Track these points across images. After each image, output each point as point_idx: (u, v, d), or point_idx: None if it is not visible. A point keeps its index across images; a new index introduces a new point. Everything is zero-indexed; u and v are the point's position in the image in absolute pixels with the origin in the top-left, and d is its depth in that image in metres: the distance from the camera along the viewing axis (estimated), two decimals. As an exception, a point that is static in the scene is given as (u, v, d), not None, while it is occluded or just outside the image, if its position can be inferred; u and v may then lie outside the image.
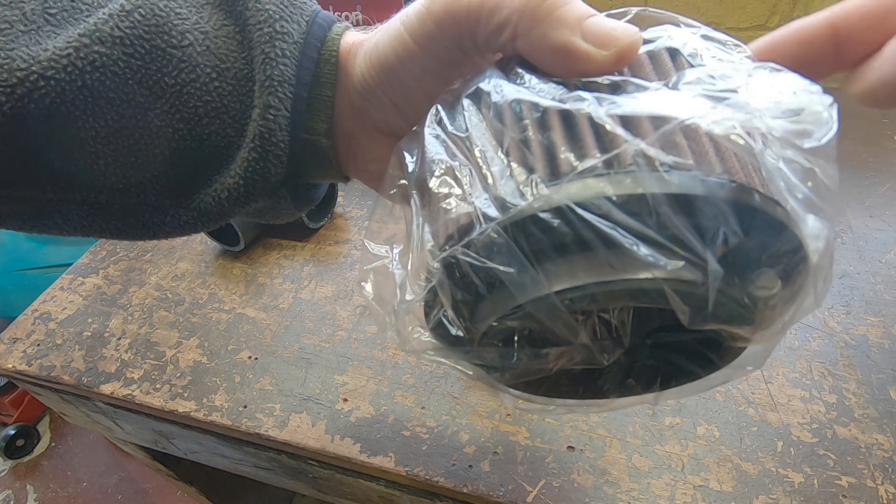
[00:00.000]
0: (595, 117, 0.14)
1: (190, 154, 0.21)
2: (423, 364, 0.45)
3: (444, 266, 0.16)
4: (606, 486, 0.37)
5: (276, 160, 0.21)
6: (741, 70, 0.14)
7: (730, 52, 0.16)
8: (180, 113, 0.20)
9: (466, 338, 0.17)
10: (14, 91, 0.17)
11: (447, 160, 0.16)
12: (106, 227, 0.23)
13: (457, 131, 0.17)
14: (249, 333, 0.49)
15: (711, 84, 0.14)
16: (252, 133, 0.21)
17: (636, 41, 0.16)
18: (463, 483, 0.38)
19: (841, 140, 0.15)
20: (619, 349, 0.18)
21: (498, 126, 0.16)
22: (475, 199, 0.15)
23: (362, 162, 0.25)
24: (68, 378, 0.48)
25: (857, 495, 0.35)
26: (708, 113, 0.13)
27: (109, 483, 1.34)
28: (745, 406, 0.40)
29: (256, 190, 0.22)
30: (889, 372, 0.41)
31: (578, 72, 0.16)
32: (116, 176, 0.21)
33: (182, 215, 0.23)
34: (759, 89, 0.13)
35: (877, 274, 0.48)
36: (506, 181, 0.14)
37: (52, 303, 0.55)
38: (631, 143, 0.13)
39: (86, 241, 1.13)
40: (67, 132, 0.19)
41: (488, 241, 0.14)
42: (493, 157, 0.15)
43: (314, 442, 0.41)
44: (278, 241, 0.59)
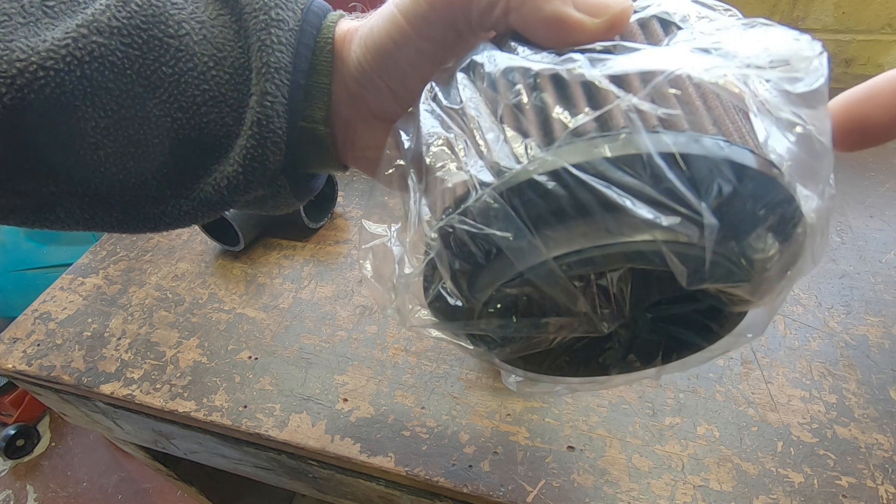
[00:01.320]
0: (587, 76, 0.14)
1: (189, 144, 0.21)
2: (423, 364, 0.45)
3: (441, 236, 0.16)
4: (606, 486, 0.37)
5: (275, 147, 0.21)
6: (732, 28, 0.14)
7: (721, 16, 0.16)
8: (178, 102, 0.20)
9: (466, 309, 0.17)
10: (14, 82, 0.18)
11: (442, 132, 0.16)
12: (107, 220, 0.23)
13: (451, 104, 0.17)
14: (249, 333, 0.49)
15: (702, 40, 0.14)
16: (250, 120, 0.21)
17: (627, 8, 0.17)
18: (463, 483, 0.38)
19: None
20: (620, 319, 0.18)
21: (492, 94, 0.16)
22: (470, 168, 0.15)
23: (360, 149, 0.25)
24: (68, 378, 0.48)
25: (857, 495, 0.35)
26: (698, 62, 0.13)
27: (109, 483, 1.34)
28: (745, 406, 0.40)
29: (255, 178, 0.22)
30: (889, 372, 0.41)
31: (571, 41, 0.17)
32: (117, 167, 0.21)
33: (182, 205, 0.23)
34: (749, 41, 0.13)
35: (877, 274, 0.48)
36: (500, 147, 0.14)
37: (52, 303, 0.55)
38: (623, 98, 0.13)
39: (86, 241, 1.13)
40: (68, 123, 0.19)
41: (484, 206, 0.14)
42: (487, 125, 0.15)
43: (314, 442, 0.41)
44: (278, 241, 0.59)
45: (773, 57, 0.13)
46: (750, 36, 0.14)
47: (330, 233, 0.59)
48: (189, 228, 0.62)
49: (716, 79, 0.13)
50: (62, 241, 1.16)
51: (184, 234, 0.61)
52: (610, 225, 0.13)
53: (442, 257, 0.16)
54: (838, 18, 0.73)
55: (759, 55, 0.13)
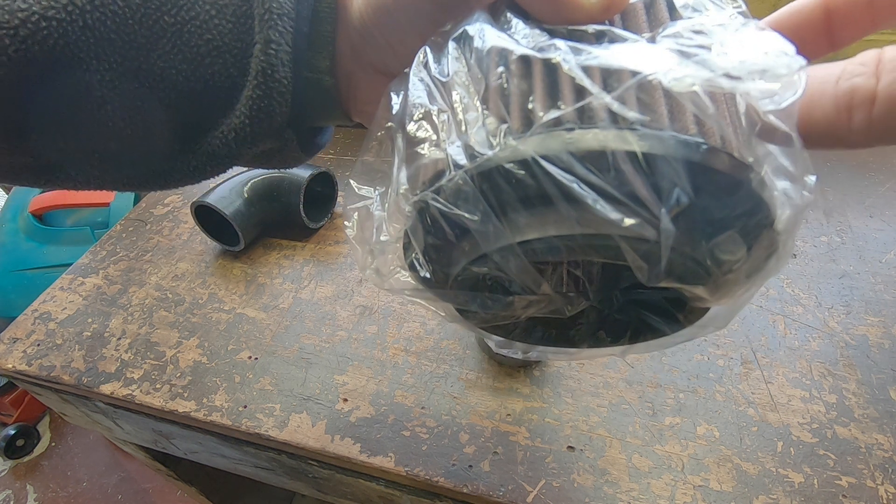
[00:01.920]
0: (566, 69, 0.14)
1: (195, 96, 0.21)
2: (423, 364, 0.45)
3: (416, 210, 0.16)
4: (606, 486, 0.37)
5: (280, 98, 0.21)
6: (726, 26, 0.14)
7: (724, 7, 0.16)
8: (182, 53, 0.20)
9: (436, 280, 0.18)
10: (17, 33, 0.18)
11: (427, 104, 0.16)
12: (118, 177, 0.23)
13: (439, 75, 0.17)
14: (249, 333, 0.49)
15: (689, 39, 0.14)
16: (255, 70, 0.21)
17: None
18: (463, 483, 0.38)
19: None
20: (584, 302, 0.19)
21: (477, 72, 0.16)
22: (448, 146, 0.15)
23: (362, 103, 0.25)
24: (68, 378, 0.48)
25: (857, 495, 0.35)
26: (671, 69, 0.13)
27: (109, 483, 1.34)
28: (745, 406, 0.40)
29: (262, 130, 0.22)
30: (889, 372, 0.41)
31: (566, 19, 0.16)
32: (124, 122, 0.21)
33: (191, 160, 0.23)
34: (733, 47, 0.13)
35: (877, 274, 0.48)
36: (478, 130, 0.14)
37: (52, 303, 0.55)
38: (596, 95, 0.13)
39: (86, 241, 1.13)
40: (73, 76, 0.19)
41: (456, 188, 0.15)
42: (469, 104, 0.15)
43: (314, 442, 0.41)
44: (278, 241, 0.59)
45: (751, 69, 0.13)
46: (741, 39, 0.14)
47: (330, 233, 0.59)
48: (189, 228, 0.62)
49: (685, 89, 0.13)
50: (62, 241, 1.16)
51: (184, 235, 0.61)
52: (574, 216, 0.14)
53: (416, 230, 0.17)
54: (838, 18, 0.73)
55: (739, 66, 0.13)
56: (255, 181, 0.56)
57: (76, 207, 1.17)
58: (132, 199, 1.14)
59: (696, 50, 0.13)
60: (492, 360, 0.45)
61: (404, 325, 0.48)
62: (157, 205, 0.66)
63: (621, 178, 0.13)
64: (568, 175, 0.13)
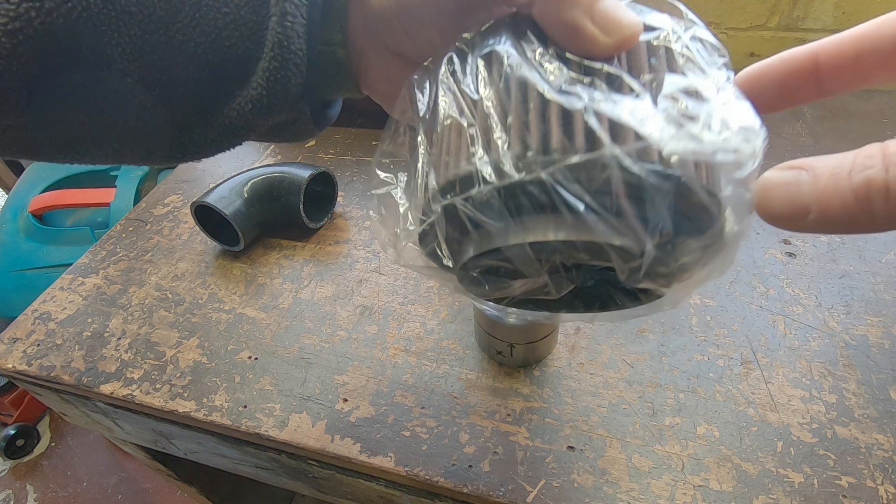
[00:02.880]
0: (586, 120, 0.17)
1: (213, 69, 0.22)
2: (423, 364, 0.45)
3: (444, 210, 0.19)
4: (606, 486, 0.37)
5: (296, 69, 0.22)
6: (712, 97, 0.17)
7: (712, 61, 0.19)
8: (200, 26, 0.21)
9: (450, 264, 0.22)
10: (42, 6, 0.18)
11: (457, 116, 0.19)
12: (136, 150, 0.24)
13: (468, 91, 0.19)
14: (249, 333, 0.49)
15: (682, 104, 0.17)
16: (271, 42, 0.21)
17: (636, 33, 0.18)
18: (463, 483, 0.38)
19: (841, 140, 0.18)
20: (570, 285, 0.22)
21: (505, 98, 0.18)
22: (477, 161, 0.18)
23: (373, 80, 0.25)
24: (68, 378, 0.48)
25: (857, 495, 0.35)
26: (666, 141, 0.16)
27: (109, 483, 1.34)
28: (745, 406, 0.40)
29: (278, 101, 0.22)
30: (889, 372, 0.41)
31: (582, 51, 0.18)
32: (144, 95, 0.21)
33: (209, 133, 0.24)
34: (716, 121, 0.16)
35: (877, 274, 0.48)
36: (506, 152, 0.17)
37: (52, 303, 0.55)
38: (608, 148, 0.16)
39: (86, 241, 1.13)
40: (95, 49, 0.20)
41: (484, 198, 0.18)
42: (497, 125, 0.18)
43: (314, 442, 0.41)
44: (278, 241, 0.59)
45: (727, 147, 0.16)
46: (721, 113, 0.17)
47: (330, 233, 0.59)
48: (189, 228, 0.62)
49: (675, 160, 0.16)
50: (62, 241, 1.16)
51: (184, 235, 0.61)
52: (577, 226, 0.17)
53: (441, 226, 0.20)
54: (838, 18, 0.73)
55: (717, 143, 0.16)
56: (255, 181, 0.56)
57: (76, 207, 1.17)
58: (132, 199, 1.14)
59: (686, 121, 0.16)
60: (492, 360, 0.45)
61: (404, 325, 0.48)
62: (157, 205, 0.66)
63: (619, 207, 0.17)
64: (576, 198, 0.16)
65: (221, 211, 0.53)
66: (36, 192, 1.19)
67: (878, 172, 0.13)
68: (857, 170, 0.14)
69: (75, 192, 1.17)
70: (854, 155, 0.14)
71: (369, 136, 0.74)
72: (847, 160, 0.14)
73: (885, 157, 0.13)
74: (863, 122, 0.66)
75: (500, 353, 0.43)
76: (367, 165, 0.68)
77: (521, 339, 0.41)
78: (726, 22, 0.77)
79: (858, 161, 0.14)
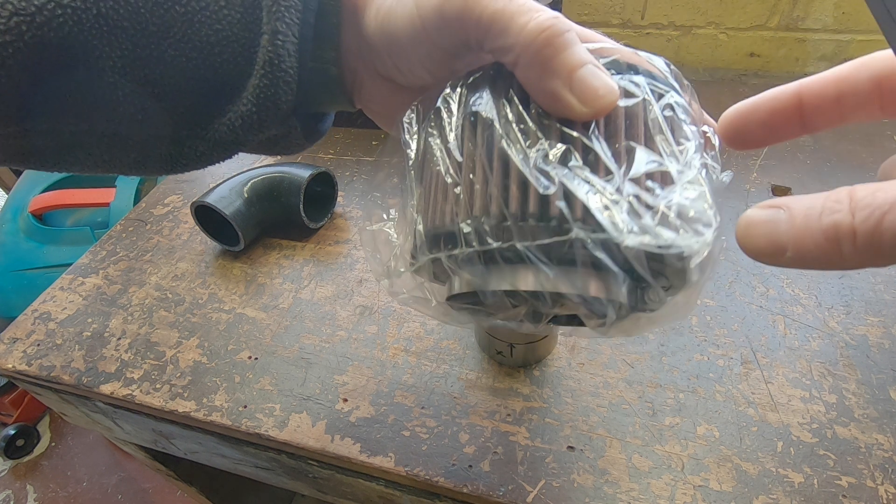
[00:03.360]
0: (559, 205, 0.18)
1: (204, 84, 0.22)
2: (423, 364, 0.45)
3: (431, 260, 0.22)
4: (606, 486, 0.37)
5: (286, 87, 0.22)
6: (675, 172, 0.19)
7: (683, 131, 0.20)
8: (192, 42, 0.21)
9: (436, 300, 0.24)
10: (34, 19, 0.18)
11: (443, 174, 0.21)
12: (126, 160, 0.24)
13: (454, 151, 0.21)
14: (249, 333, 0.49)
15: (646, 190, 0.18)
16: (262, 60, 0.22)
17: (612, 103, 0.19)
18: (463, 483, 0.38)
19: (841, 140, 0.19)
20: (547, 318, 0.24)
21: (486, 167, 0.20)
22: (462, 224, 0.20)
23: (366, 100, 0.26)
24: (68, 378, 0.48)
25: (857, 495, 0.35)
26: (628, 235, 0.18)
27: (109, 483, 1.34)
28: (745, 406, 0.40)
29: (268, 117, 0.23)
30: (889, 372, 0.41)
31: (560, 114, 0.19)
32: (135, 107, 0.21)
33: (198, 146, 0.24)
34: (674, 208, 0.18)
35: (877, 274, 0.48)
36: (486, 220, 0.19)
37: (52, 303, 0.55)
38: (575, 232, 0.18)
39: (86, 241, 1.13)
40: (86, 62, 0.20)
41: (467, 258, 0.20)
42: (479, 191, 0.20)
43: (314, 442, 0.41)
44: (278, 241, 0.59)
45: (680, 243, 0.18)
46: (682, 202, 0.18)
47: (330, 233, 0.59)
48: (189, 228, 0.62)
49: (632, 254, 0.18)
50: (62, 241, 1.16)
51: (184, 235, 0.61)
52: (547, 281, 0.19)
53: (428, 271, 0.22)
54: (838, 18, 0.73)
55: (670, 240, 0.18)
56: (255, 181, 0.56)
57: (76, 207, 1.17)
58: (132, 199, 1.14)
59: (645, 211, 0.18)
60: (492, 360, 0.45)
61: (404, 325, 0.48)
62: (157, 205, 0.66)
63: (583, 280, 0.19)
64: (548, 265, 0.19)
65: (221, 211, 0.53)
66: (36, 192, 1.19)
67: (844, 217, 0.14)
68: (827, 213, 0.14)
69: (75, 192, 1.17)
70: (825, 197, 0.15)
71: (369, 136, 0.74)
72: (818, 202, 0.15)
73: (851, 202, 0.14)
74: (863, 123, 0.66)
75: (500, 353, 0.43)
76: (368, 165, 0.68)
77: (521, 339, 0.41)
78: (726, 22, 0.77)
79: (828, 205, 0.14)
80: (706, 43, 0.79)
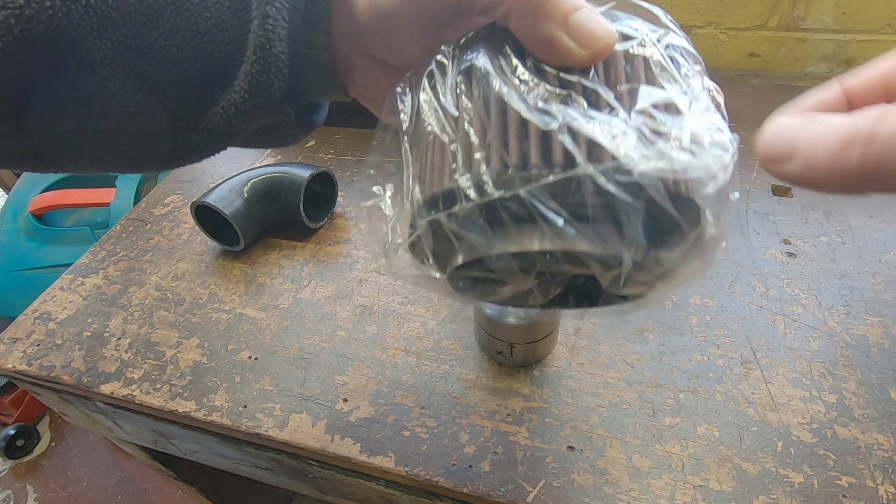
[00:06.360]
0: (562, 140, 0.17)
1: (195, 74, 0.22)
2: (423, 364, 0.45)
3: (429, 224, 0.20)
4: (606, 486, 0.37)
5: (278, 72, 0.22)
6: (684, 104, 0.18)
7: (688, 68, 0.19)
8: (182, 31, 0.21)
9: (439, 273, 0.22)
10: (22, 13, 0.18)
11: (438, 133, 0.19)
12: (120, 158, 0.24)
13: (449, 108, 0.19)
14: (249, 333, 0.49)
15: (655, 120, 0.17)
16: (252, 45, 0.21)
17: (611, 44, 0.18)
18: (463, 483, 0.38)
19: None
20: (557, 289, 0.23)
21: (484, 116, 0.19)
22: (459, 178, 0.18)
23: (360, 86, 0.26)
24: (68, 378, 0.48)
25: (857, 495, 0.35)
26: (638, 161, 0.16)
27: (109, 483, 1.34)
28: (745, 406, 0.40)
29: (261, 104, 0.23)
30: (889, 372, 0.41)
31: (559, 62, 0.19)
32: (126, 100, 0.21)
33: (192, 138, 0.24)
34: (686, 136, 0.17)
35: (877, 274, 0.48)
36: (486, 170, 0.18)
37: (52, 303, 0.55)
38: (582, 167, 0.17)
39: (86, 241, 1.13)
40: (76, 55, 0.19)
41: (466, 215, 0.18)
42: (477, 143, 0.18)
43: (314, 442, 0.41)
44: (278, 241, 0.59)
45: (697, 164, 0.17)
46: (693, 126, 0.17)
47: (330, 233, 0.59)
48: (189, 228, 0.62)
49: (647, 180, 0.16)
50: (62, 241, 1.16)
51: (184, 235, 0.61)
52: (556, 238, 0.18)
53: (427, 239, 0.21)
54: (838, 18, 0.73)
55: (684, 162, 0.17)
56: (255, 181, 0.56)
57: (76, 207, 1.17)
58: (132, 199, 1.14)
59: (657, 138, 0.17)
60: (492, 360, 0.45)
61: (404, 325, 0.48)
62: (157, 205, 0.66)
63: (595, 221, 0.17)
64: (555, 214, 0.17)
65: (221, 211, 0.53)
66: (36, 192, 1.19)
67: (867, 122, 0.13)
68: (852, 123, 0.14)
69: (75, 192, 1.17)
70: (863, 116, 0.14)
71: (369, 136, 0.73)
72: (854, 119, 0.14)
73: (883, 113, 0.13)
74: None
75: (500, 353, 0.43)
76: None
77: (521, 339, 0.41)
78: (726, 22, 0.77)
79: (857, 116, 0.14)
80: (706, 43, 0.79)
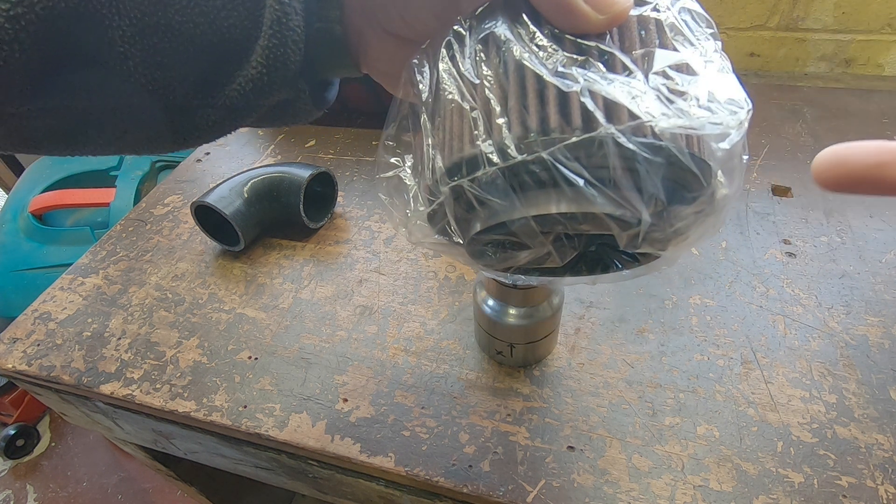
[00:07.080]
0: (582, 101, 0.18)
1: (212, 50, 0.22)
2: (423, 364, 0.45)
3: (452, 190, 0.20)
4: (606, 486, 0.37)
5: (294, 46, 0.22)
6: (699, 65, 0.19)
7: (701, 31, 0.20)
8: (199, 8, 0.21)
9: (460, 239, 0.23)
10: None
11: (459, 101, 0.20)
12: (139, 136, 0.24)
13: (469, 75, 0.20)
14: (249, 333, 0.49)
15: (672, 81, 0.18)
16: (269, 20, 0.22)
17: (627, 9, 0.19)
18: (463, 483, 0.38)
19: (841, 140, 0.18)
20: (573, 252, 0.23)
21: (504, 82, 0.19)
22: (481, 144, 0.19)
23: (372, 60, 0.26)
24: (68, 378, 0.48)
25: (857, 495, 0.35)
26: (658, 118, 0.17)
27: (109, 483, 1.34)
28: (745, 406, 0.40)
29: (278, 78, 0.23)
30: (889, 372, 0.41)
31: (576, 28, 0.19)
32: (145, 77, 0.22)
33: (210, 114, 0.24)
34: (703, 95, 0.18)
35: (877, 274, 0.48)
36: (508, 135, 0.18)
37: (52, 303, 0.55)
38: (604, 127, 0.17)
39: (86, 241, 1.13)
40: (96, 32, 0.20)
41: (489, 179, 0.19)
42: (499, 109, 0.19)
43: (314, 442, 0.41)
44: (278, 241, 0.59)
45: (714, 121, 0.17)
46: (709, 87, 0.18)
47: (330, 233, 0.59)
48: (189, 228, 0.62)
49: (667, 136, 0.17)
50: (62, 241, 1.16)
51: (184, 235, 0.61)
52: (578, 199, 0.18)
53: (450, 205, 0.21)
54: (838, 18, 0.73)
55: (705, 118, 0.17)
56: (255, 181, 0.56)
57: (76, 207, 1.17)
58: (132, 199, 1.14)
59: (675, 97, 0.18)
60: (492, 360, 0.45)
61: (404, 325, 0.48)
62: (157, 205, 0.66)
63: (617, 180, 0.18)
64: (576, 174, 0.17)
65: (221, 211, 0.53)
66: (36, 192, 1.19)
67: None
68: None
69: (75, 192, 1.17)
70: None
71: (369, 136, 0.74)
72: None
73: None
74: (863, 122, 0.66)
75: (500, 353, 0.43)
76: (368, 165, 0.68)
77: (521, 339, 0.41)
78: (726, 22, 0.77)
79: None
80: (706, 43, 0.79)
